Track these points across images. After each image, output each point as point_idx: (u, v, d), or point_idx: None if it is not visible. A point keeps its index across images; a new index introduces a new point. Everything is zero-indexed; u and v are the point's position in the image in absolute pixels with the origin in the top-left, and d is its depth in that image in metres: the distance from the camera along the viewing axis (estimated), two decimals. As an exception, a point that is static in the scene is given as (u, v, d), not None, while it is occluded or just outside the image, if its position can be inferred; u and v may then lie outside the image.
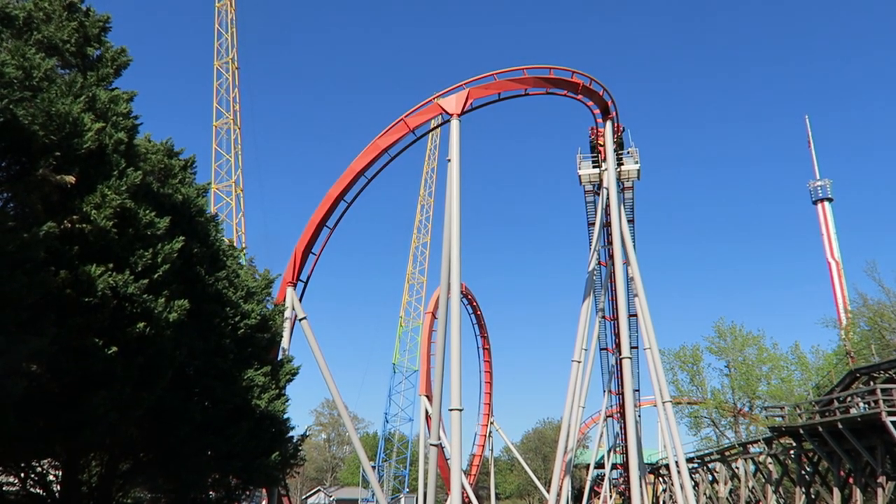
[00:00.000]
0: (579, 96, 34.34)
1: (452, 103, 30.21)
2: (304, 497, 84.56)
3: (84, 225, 13.63)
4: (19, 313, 11.75)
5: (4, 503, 18.32)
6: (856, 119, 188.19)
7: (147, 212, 15.62)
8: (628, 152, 38.34)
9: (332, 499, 77.15)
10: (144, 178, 16.13)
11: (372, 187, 34.94)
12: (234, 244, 32.66)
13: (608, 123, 35.45)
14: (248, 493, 31.39)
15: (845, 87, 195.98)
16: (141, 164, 16.34)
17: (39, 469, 19.05)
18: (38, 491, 18.86)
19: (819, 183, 74.04)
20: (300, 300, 33.85)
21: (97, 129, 13.66)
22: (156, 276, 15.51)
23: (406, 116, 32.12)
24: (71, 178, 12.86)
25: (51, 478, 19.27)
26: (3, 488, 18.89)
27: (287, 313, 31.85)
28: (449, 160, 29.36)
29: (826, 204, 73.07)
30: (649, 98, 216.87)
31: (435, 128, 45.27)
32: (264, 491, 33.78)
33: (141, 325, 14.84)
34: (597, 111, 35.83)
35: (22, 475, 18.56)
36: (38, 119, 12.22)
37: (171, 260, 16.19)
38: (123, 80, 16.97)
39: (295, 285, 33.38)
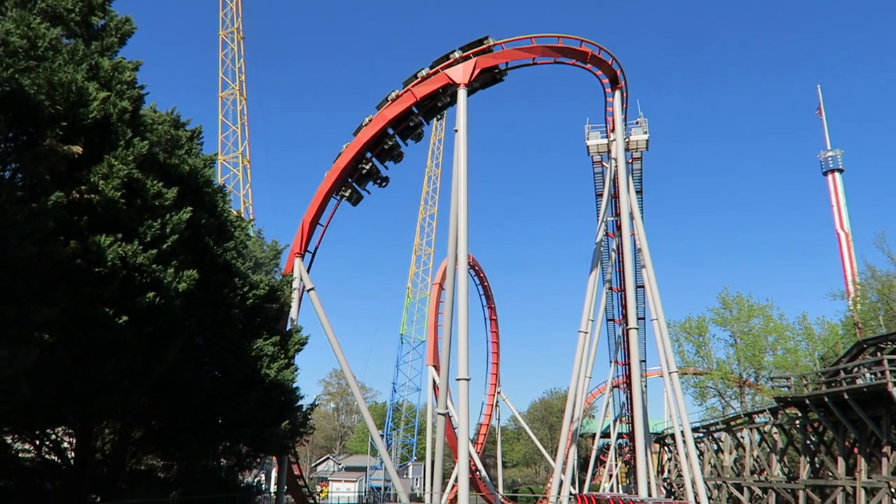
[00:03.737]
0: (588, 65, 33.92)
1: (460, 73, 29.92)
2: (313, 465, 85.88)
3: (92, 195, 13.67)
4: (30, 283, 11.86)
5: (21, 470, 18.69)
6: (868, 87, 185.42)
7: (154, 182, 15.64)
8: (637, 122, 38.01)
9: (341, 466, 78.26)
10: (151, 149, 16.13)
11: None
12: (242, 215, 32.74)
13: (617, 93, 35.07)
14: (258, 460, 31.91)
15: (858, 54, 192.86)
16: (147, 135, 16.32)
17: (54, 436, 19.38)
18: (53, 458, 19.21)
19: (830, 154, 73.23)
20: (308, 271, 33.98)
21: (102, 99, 13.62)
22: (164, 246, 15.58)
23: (413, 86, 31.83)
24: (78, 149, 12.87)
25: (65, 445, 19.62)
26: (19, 455, 19.26)
27: (295, 284, 32.01)
28: (456, 131, 29.19)
29: (836, 175, 72.35)
30: (658, 67, 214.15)
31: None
32: (274, 459, 34.32)
33: (150, 294, 14.95)
34: (605, 80, 35.42)
35: (37, 442, 18.90)
36: (43, 89, 12.19)
37: (179, 230, 16.25)
38: (128, 51, 16.87)
39: (303, 256, 33.47)
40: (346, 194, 33.61)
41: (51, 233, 12.23)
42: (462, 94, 29.42)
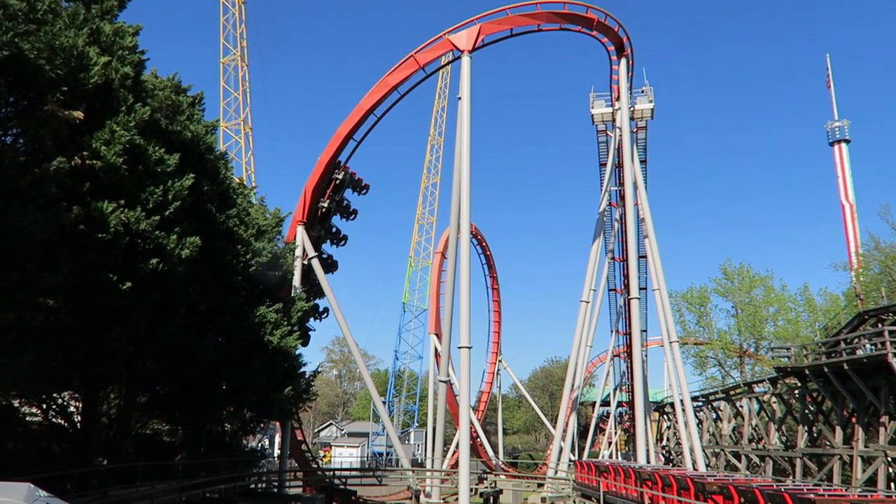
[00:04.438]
0: (594, 32, 33.50)
1: (463, 39, 29.58)
2: (316, 430, 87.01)
3: (94, 161, 13.63)
4: (34, 249, 11.88)
5: (28, 433, 18.95)
6: (878, 56, 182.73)
7: (156, 148, 15.57)
8: (642, 91, 37.64)
9: (343, 432, 79.31)
10: (152, 115, 16.02)
11: (381, 126, 34.66)
12: (244, 183, 32.68)
13: (623, 61, 34.67)
14: (262, 425, 32.35)
15: (868, 21, 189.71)
16: (148, 101, 16.21)
17: (60, 401, 19.62)
18: (60, 421, 19.48)
19: (837, 124, 72.51)
20: (310, 239, 34.04)
21: (103, 64, 13.49)
22: (167, 212, 15.58)
23: (416, 53, 31.54)
24: (79, 114, 12.78)
25: (71, 409, 19.88)
26: (27, 419, 19.53)
27: (298, 252, 32.08)
28: (459, 98, 28.95)
29: (843, 145, 71.73)
30: (664, 35, 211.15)
31: (445, 65, 44.64)
32: (278, 424, 34.77)
33: (154, 261, 14.99)
34: (611, 48, 35.00)
35: (44, 406, 19.15)
36: (43, 53, 12.06)
37: (181, 197, 16.23)
38: (128, 15, 16.64)
39: (305, 224, 33.49)
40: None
41: (53, 198, 12.22)
42: (466, 61, 29.11)
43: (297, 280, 31.85)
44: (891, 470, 26.34)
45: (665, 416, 57.80)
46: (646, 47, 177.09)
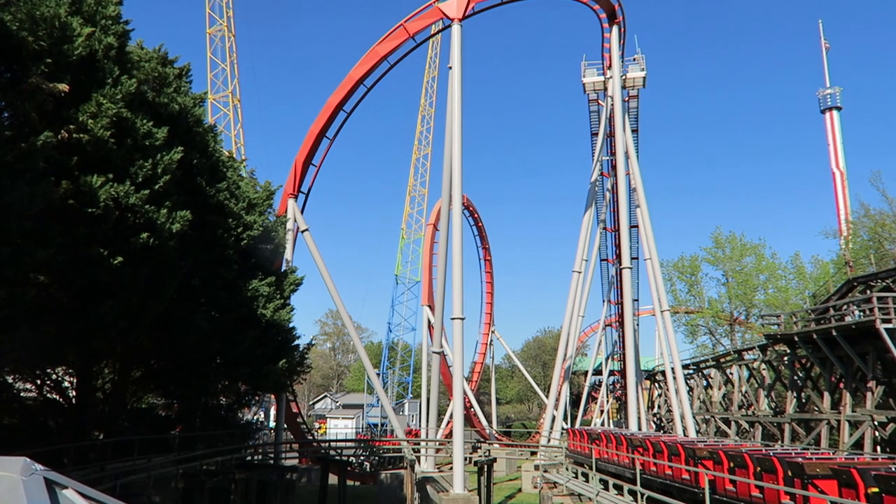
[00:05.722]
0: (585, 0, 33.16)
1: (453, 7, 29.19)
2: (311, 403, 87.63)
3: (81, 135, 13.44)
4: (23, 224, 11.78)
5: (24, 408, 19.02)
6: (870, 22, 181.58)
7: (144, 121, 15.37)
8: (634, 59, 37.39)
9: (338, 404, 79.93)
10: (139, 87, 15.78)
11: (372, 97, 34.31)
12: (234, 155, 32.39)
13: (614, 29, 34.36)
14: (257, 398, 32.56)
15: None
16: (134, 73, 15.94)
17: (55, 376, 19.66)
18: (55, 396, 19.54)
19: (828, 91, 72.42)
20: (302, 211, 33.91)
21: (87, 35, 13.24)
22: (157, 186, 15.44)
23: (405, 22, 31.14)
24: (64, 87, 12.57)
25: (66, 384, 19.93)
26: (21, 394, 19.57)
27: (289, 225, 31.99)
28: (450, 68, 28.68)
29: (834, 113, 71.72)
30: (656, 2, 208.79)
31: (435, 33, 44.07)
32: (273, 397, 34.99)
33: (144, 235, 14.90)
34: (603, 15, 34.66)
35: (38, 382, 19.18)
36: (25, 24, 11.82)
37: (171, 170, 16.07)
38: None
39: (296, 197, 33.33)
40: None
41: (41, 173, 12.07)
42: (456, 29, 28.76)
43: (288, 253, 31.80)
44: (877, 433, 26.83)
45: (656, 384, 58.47)
46: (637, 13, 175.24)
